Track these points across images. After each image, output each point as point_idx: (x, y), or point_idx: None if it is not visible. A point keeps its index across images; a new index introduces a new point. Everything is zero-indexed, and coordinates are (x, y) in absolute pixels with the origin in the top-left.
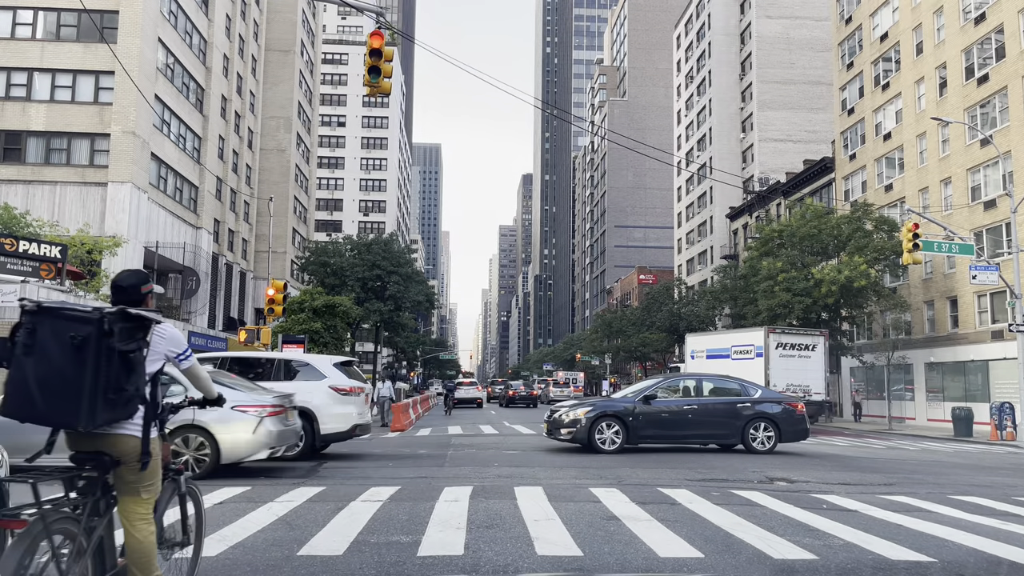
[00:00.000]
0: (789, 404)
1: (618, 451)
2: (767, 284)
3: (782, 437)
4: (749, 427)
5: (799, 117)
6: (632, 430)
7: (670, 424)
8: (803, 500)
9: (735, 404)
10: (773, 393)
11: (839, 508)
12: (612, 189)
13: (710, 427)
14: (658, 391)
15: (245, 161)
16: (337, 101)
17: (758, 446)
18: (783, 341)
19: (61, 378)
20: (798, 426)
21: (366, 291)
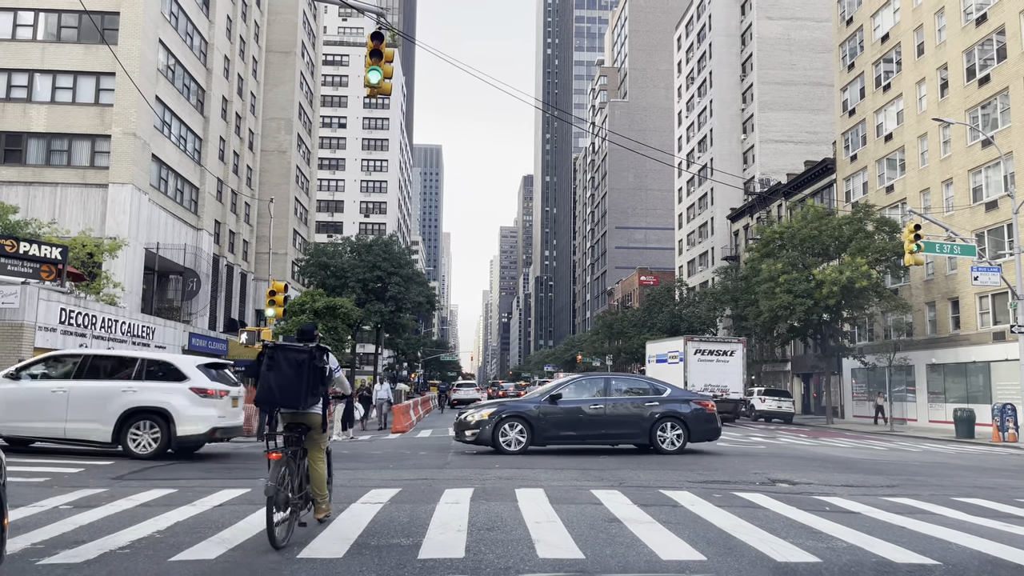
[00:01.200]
0: (699, 403)
1: (522, 452)
2: (768, 285)
3: (691, 436)
4: (657, 426)
5: (800, 118)
6: (537, 430)
7: (577, 424)
8: (805, 502)
9: (643, 403)
10: (683, 392)
11: (842, 510)
12: (613, 190)
13: (618, 426)
14: (564, 391)
15: (246, 162)
16: (338, 102)
17: (667, 446)
18: (701, 348)
19: (288, 382)
20: (708, 425)
21: (366, 292)
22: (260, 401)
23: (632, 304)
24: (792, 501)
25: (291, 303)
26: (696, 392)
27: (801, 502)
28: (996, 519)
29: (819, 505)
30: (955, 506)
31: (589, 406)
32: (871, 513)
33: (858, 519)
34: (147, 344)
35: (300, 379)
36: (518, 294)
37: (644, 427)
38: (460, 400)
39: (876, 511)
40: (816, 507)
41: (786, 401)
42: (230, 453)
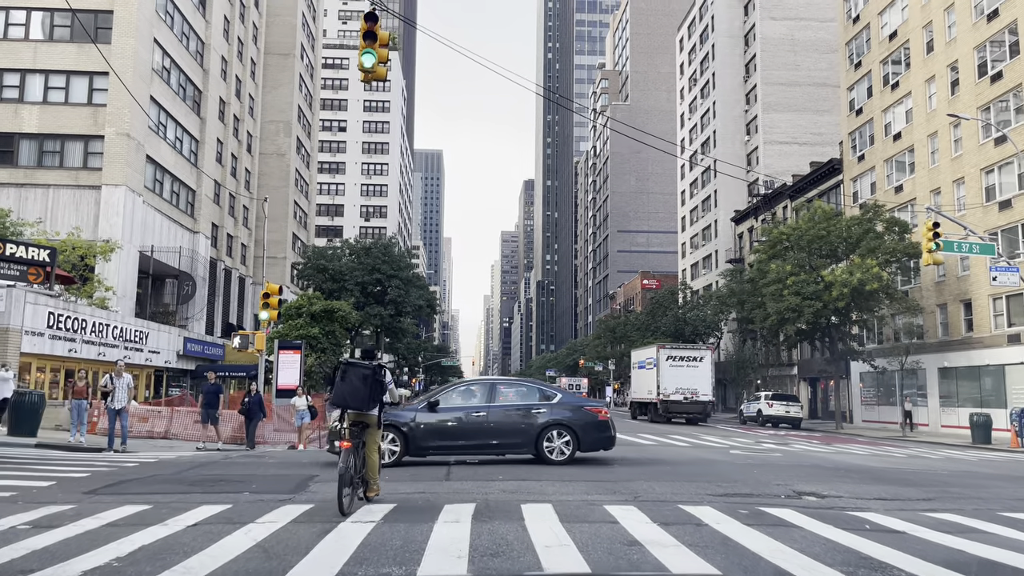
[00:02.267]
0: (591, 409)
1: (395, 464)
2: (776, 287)
3: (581, 445)
4: (544, 435)
5: (804, 119)
6: (412, 440)
7: (457, 433)
8: (841, 519)
9: (530, 410)
10: (575, 399)
11: (885, 529)
12: (615, 194)
13: (502, 435)
14: (444, 397)
15: (244, 165)
16: (338, 106)
17: (555, 456)
18: (673, 355)
19: (356, 390)
20: (600, 433)
21: (365, 296)
22: (335, 404)
23: (635, 308)
24: (826, 518)
25: (288, 306)
26: (590, 399)
27: (837, 519)
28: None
29: (857, 523)
30: (1005, 523)
31: (471, 414)
32: (918, 532)
33: (907, 541)
34: (140, 349)
35: (365, 388)
36: (519, 299)
37: (530, 435)
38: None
39: (922, 530)
40: (855, 525)
41: (794, 406)
42: (220, 462)
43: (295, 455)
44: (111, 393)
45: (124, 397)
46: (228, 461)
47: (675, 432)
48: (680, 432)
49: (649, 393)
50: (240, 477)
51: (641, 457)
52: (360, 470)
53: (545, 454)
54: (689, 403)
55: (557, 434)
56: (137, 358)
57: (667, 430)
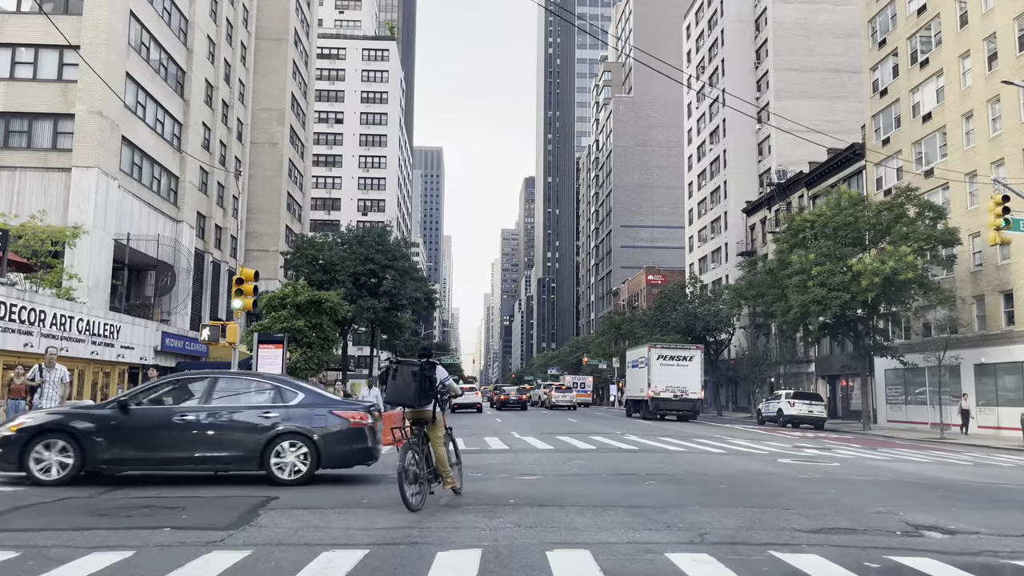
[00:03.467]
0: (341, 414)
1: (70, 481)
2: (799, 278)
3: (323, 460)
4: (273, 446)
5: (819, 106)
6: (91, 451)
7: (154, 443)
8: (1008, 573)
9: (257, 414)
10: (322, 398)
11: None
12: (618, 188)
13: (216, 446)
14: (143, 395)
15: (234, 153)
16: (334, 97)
17: (287, 475)
18: (663, 354)
19: (406, 387)
20: (350, 445)
21: (358, 287)
22: (388, 402)
23: (639, 304)
24: (991, 573)
25: (271, 297)
26: (352, 400)
27: (1002, 574)
28: None
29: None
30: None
31: (177, 416)
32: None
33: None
34: (111, 344)
35: (414, 385)
36: (520, 297)
37: (254, 447)
38: (460, 404)
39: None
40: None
41: (817, 405)
42: (156, 480)
43: None
44: (38, 388)
45: (55, 394)
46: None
47: (698, 435)
48: (701, 434)
49: (641, 391)
50: (173, 501)
51: (674, 468)
52: (430, 465)
53: (274, 471)
54: (678, 400)
55: (290, 445)
56: (107, 354)
57: (686, 431)
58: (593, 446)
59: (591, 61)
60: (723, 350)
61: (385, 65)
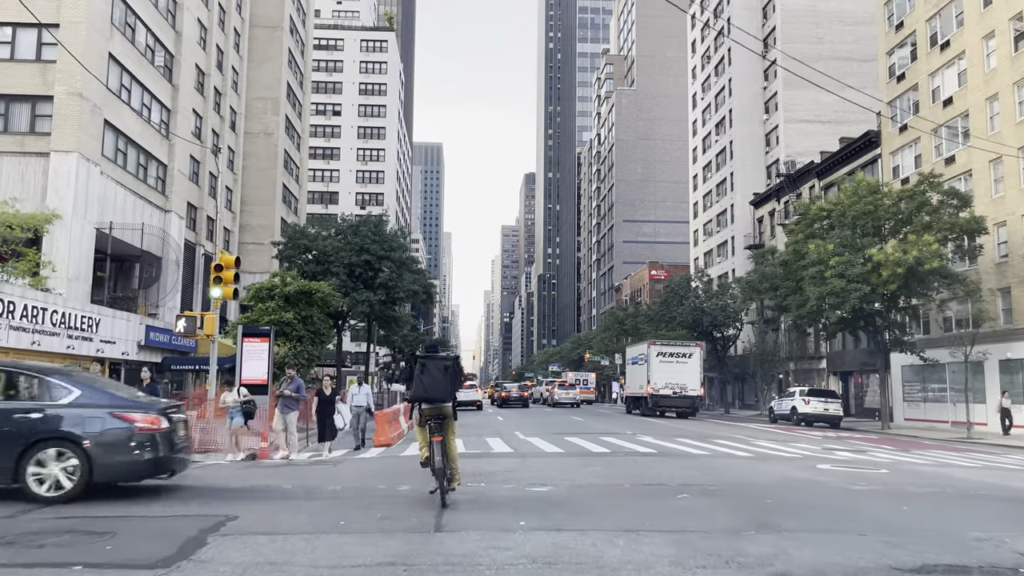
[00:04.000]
0: (123, 416)
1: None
2: (816, 269)
3: (96, 472)
4: (32, 455)
5: (828, 96)
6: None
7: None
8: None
9: (15, 414)
10: (103, 396)
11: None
12: (620, 182)
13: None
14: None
15: (227, 143)
16: (332, 89)
17: (47, 490)
18: (663, 351)
19: (436, 382)
20: (135, 455)
21: (353, 279)
22: (415, 398)
23: (642, 300)
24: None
25: (259, 288)
26: (146, 400)
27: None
28: None
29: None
30: None
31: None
32: None
33: None
34: (89, 339)
35: (445, 380)
36: (520, 293)
37: (8, 455)
38: (460, 402)
39: None
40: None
41: (833, 403)
42: (106, 494)
43: (227, 474)
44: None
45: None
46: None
47: (715, 435)
48: (719, 434)
49: (641, 388)
50: (106, 523)
51: (705, 476)
52: (446, 462)
53: (31, 486)
54: (678, 397)
55: (57, 454)
56: (84, 348)
57: (701, 431)
58: (607, 449)
59: (592, 55)
60: (730, 346)
61: (384, 56)
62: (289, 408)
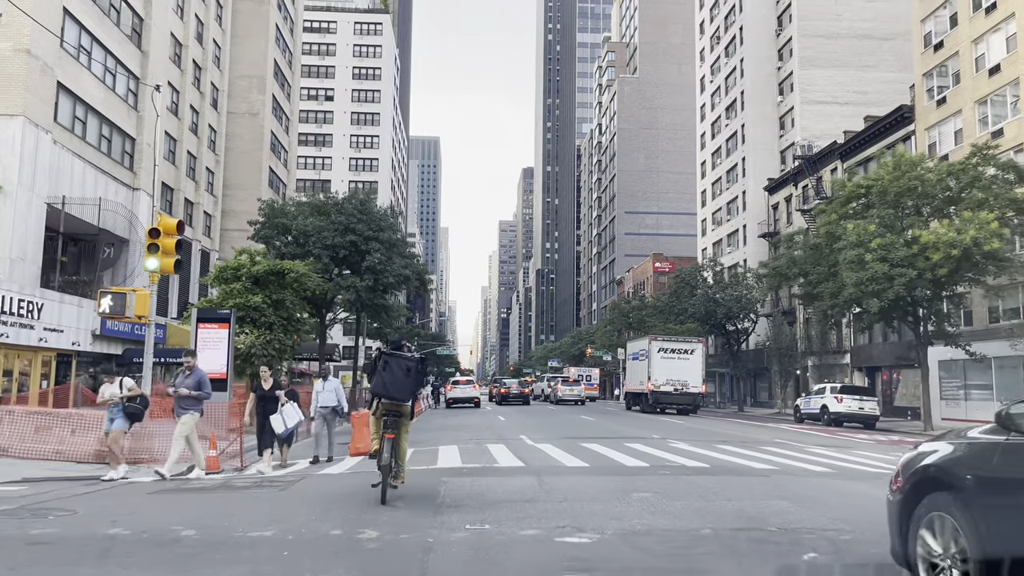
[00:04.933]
0: None
1: None
2: (855, 253)
3: None
4: None
5: (847, 76)
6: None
7: None
8: None
9: None
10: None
11: None
12: (622, 172)
13: None
14: None
15: (208, 122)
16: (324, 73)
17: None
18: (664, 347)
19: (397, 381)
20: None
21: (337, 263)
22: (375, 393)
23: (646, 293)
24: None
25: (222, 267)
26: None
27: None
28: None
29: None
30: None
31: None
32: None
33: None
34: (29, 326)
35: (408, 380)
36: (518, 288)
37: None
38: (457, 400)
39: None
40: None
41: (869, 401)
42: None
43: (101, 506)
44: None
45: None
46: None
47: (759, 440)
48: (761, 440)
49: (641, 384)
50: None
51: (813, 512)
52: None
53: None
54: (679, 394)
55: None
56: (23, 337)
57: (740, 435)
58: (643, 462)
59: (592, 45)
60: (744, 339)
61: (378, 40)
62: (186, 409)
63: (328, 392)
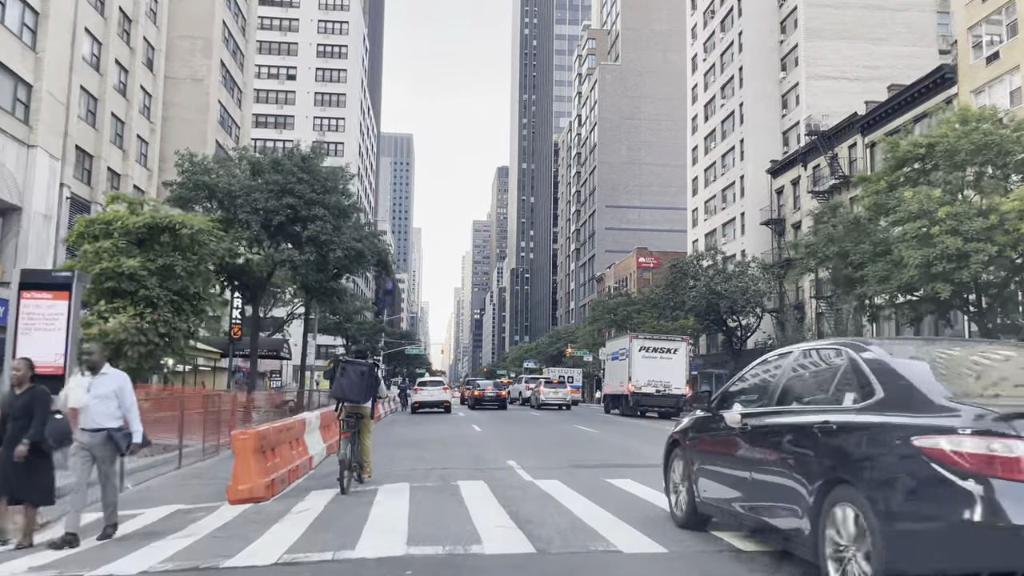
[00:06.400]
0: None
1: None
2: (918, 225)
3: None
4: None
5: (856, 50)
6: None
7: None
8: None
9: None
10: None
11: None
12: (603, 164)
13: None
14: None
15: (140, 82)
16: (286, 50)
17: None
18: (646, 345)
19: (353, 384)
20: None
21: (269, 231)
22: (334, 396)
23: (629, 289)
24: None
25: (90, 220)
26: None
27: None
28: None
29: None
30: None
31: None
32: None
33: None
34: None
35: (362, 384)
36: (491, 289)
37: None
38: (423, 404)
39: None
40: None
41: None
42: None
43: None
44: None
45: None
46: None
47: None
48: None
49: (621, 385)
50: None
51: None
52: (356, 455)
53: None
54: (661, 396)
55: None
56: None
57: None
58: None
59: (571, 37)
60: (748, 336)
61: (345, 16)
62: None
63: (101, 400)
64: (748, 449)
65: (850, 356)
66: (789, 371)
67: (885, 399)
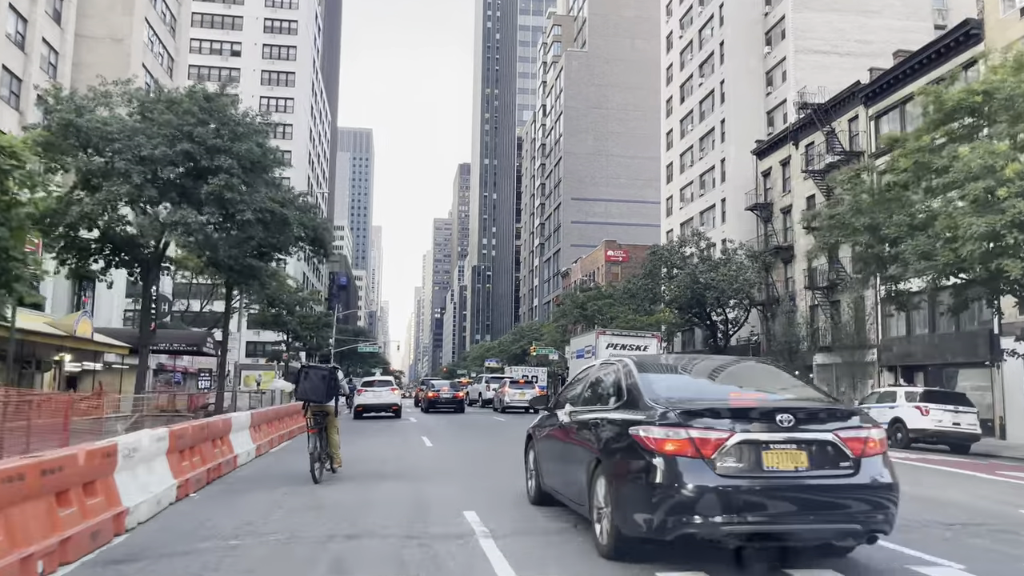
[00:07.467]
0: None
1: None
2: (981, 185)
3: None
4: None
5: (848, 23)
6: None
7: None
8: None
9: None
10: None
11: None
12: (569, 155)
13: None
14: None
15: (42, 35)
16: (230, 24)
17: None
18: (614, 342)
19: (315, 387)
20: None
21: (161, 188)
22: (300, 398)
23: (597, 283)
24: None
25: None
26: None
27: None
28: None
29: None
30: None
31: None
32: None
33: None
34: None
35: (323, 386)
36: (452, 287)
37: None
38: (367, 407)
39: None
40: None
41: (967, 414)
42: None
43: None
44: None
45: None
46: None
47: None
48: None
49: None
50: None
51: None
52: (325, 448)
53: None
54: None
55: None
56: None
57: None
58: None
59: (535, 28)
60: (735, 331)
61: None
62: None
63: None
64: (563, 441)
65: (619, 369)
66: (594, 379)
67: (627, 401)
